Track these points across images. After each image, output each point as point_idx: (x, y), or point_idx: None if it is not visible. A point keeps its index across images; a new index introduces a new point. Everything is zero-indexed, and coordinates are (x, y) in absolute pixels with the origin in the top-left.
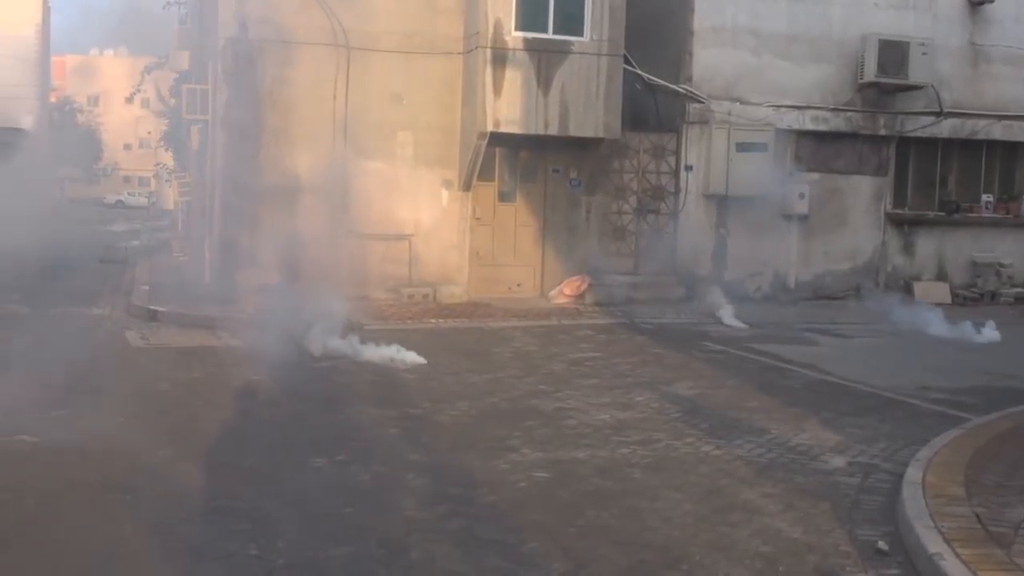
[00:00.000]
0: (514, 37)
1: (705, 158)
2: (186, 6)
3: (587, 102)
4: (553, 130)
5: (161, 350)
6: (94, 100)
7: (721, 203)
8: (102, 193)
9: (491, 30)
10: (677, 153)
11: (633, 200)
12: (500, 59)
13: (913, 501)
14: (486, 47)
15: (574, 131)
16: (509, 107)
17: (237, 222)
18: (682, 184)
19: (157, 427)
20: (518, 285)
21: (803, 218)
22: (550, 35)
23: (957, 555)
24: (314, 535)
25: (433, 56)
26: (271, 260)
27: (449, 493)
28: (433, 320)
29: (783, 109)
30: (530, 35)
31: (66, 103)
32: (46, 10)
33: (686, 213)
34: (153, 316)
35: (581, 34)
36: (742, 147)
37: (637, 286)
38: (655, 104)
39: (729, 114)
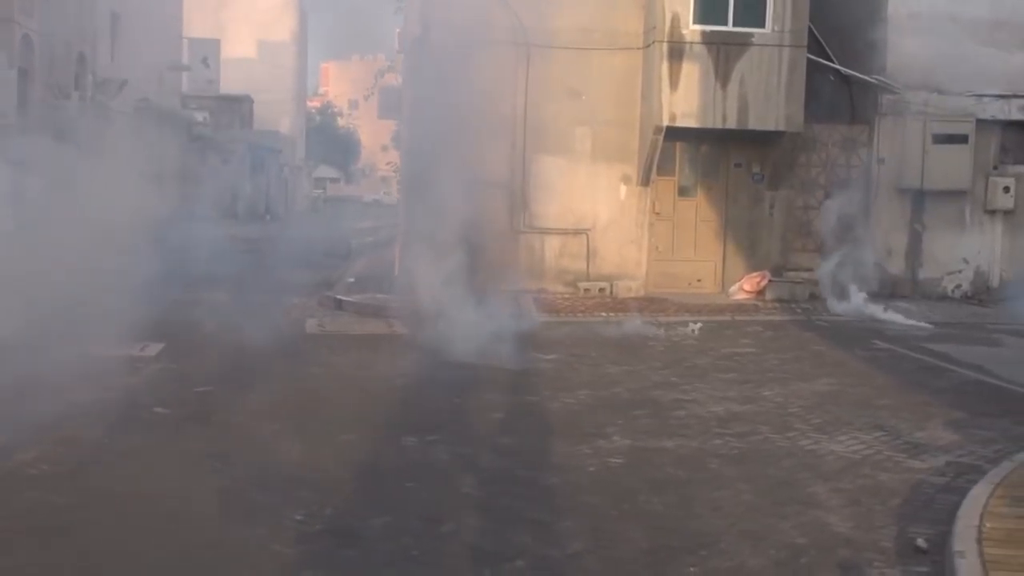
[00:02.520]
0: (692, 30)
1: (899, 151)
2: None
3: (767, 95)
4: (731, 124)
5: (330, 337)
6: (354, 104)
7: (916, 198)
8: (360, 193)
9: (668, 24)
10: (869, 146)
11: (820, 195)
12: (677, 53)
13: (973, 501)
14: (663, 41)
15: (754, 124)
16: (686, 101)
17: (422, 216)
18: (873, 178)
19: (281, 404)
20: (698, 281)
21: (1008, 213)
22: (730, 27)
23: (981, 555)
24: (364, 505)
25: (612, 52)
26: (453, 254)
27: (515, 474)
28: (604, 313)
29: (986, 99)
30: (708, 28)
31: (327, 107)
32: (303, 17)
33: (877, 208)
34: (338, 306)
35: (762, 25)
36: (939, 139)
37: (822, 283)
38: (849, 95)
39: (926, 104)
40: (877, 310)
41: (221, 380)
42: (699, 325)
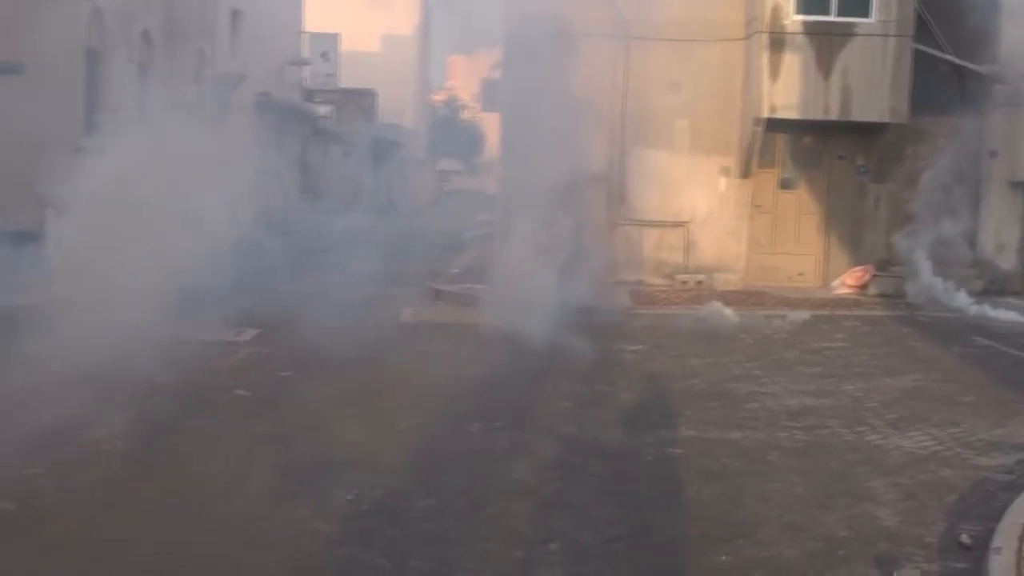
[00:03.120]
0: (793, 21)
1: (1011, 143)
2: None
3: (871, 86)
4: (833, 115)
5: (422, 325)
6: (479, 97)
7: None
8: (484, 186)
9: (770, 14)
10: (980, 138)
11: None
12: (778, 44)
13: None
14: (764, 32)
15: (856, 116)
16: (786, 92)
17: (520, 209)
18: (984, 171)
19: (357, 389)
20: (799, 275)
21: None
22: (833, 17)
23: (1019, 552)
24: (414, 488)
25: (712, 43)
26: (550, 245)
27: (569, 462)
28: (699, 306)
29: None
30: (811, 18)
31: (452, 100)
32: (427, 12)
33: (988, 202)
34: (436, 295)
35: (867, 15)
36: None
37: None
38: (961, 86)
39: None
40: (980, 306)
41: (305, 365)
42: (802, 318)
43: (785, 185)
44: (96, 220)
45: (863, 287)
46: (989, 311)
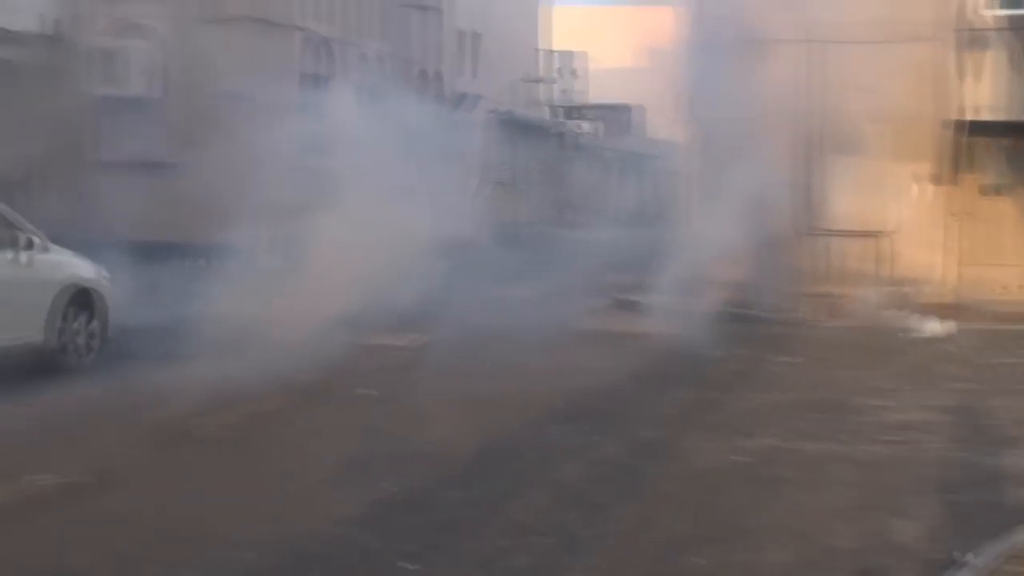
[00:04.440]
0: (989, 16)
1: None
2: None
3: None
4: None
5: (593, 334)
6: None
7: None
8: None
9: (962, 11)
10: None
11: None
12: (975, 41)
13: None
14: (957, 30)
15: None
16: (986, 93)
17: (705, 218)
18: None
19: (479, 391)
20: (1003, 287)
21: None
22: None
23: (994, 569)
24: (456, 480)
25: (904, 43)
26: (738, 256)
27: (627, 463)
28: (888, 319)
29: None
30: (1009, 12)
31: None
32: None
33: None
34: (623, 305)
35: None
36: None
37: None
38: None
39: None
40: None
41: (450, 369)
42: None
43: (987, 192)
44: (323, 230)
45: None
46: None
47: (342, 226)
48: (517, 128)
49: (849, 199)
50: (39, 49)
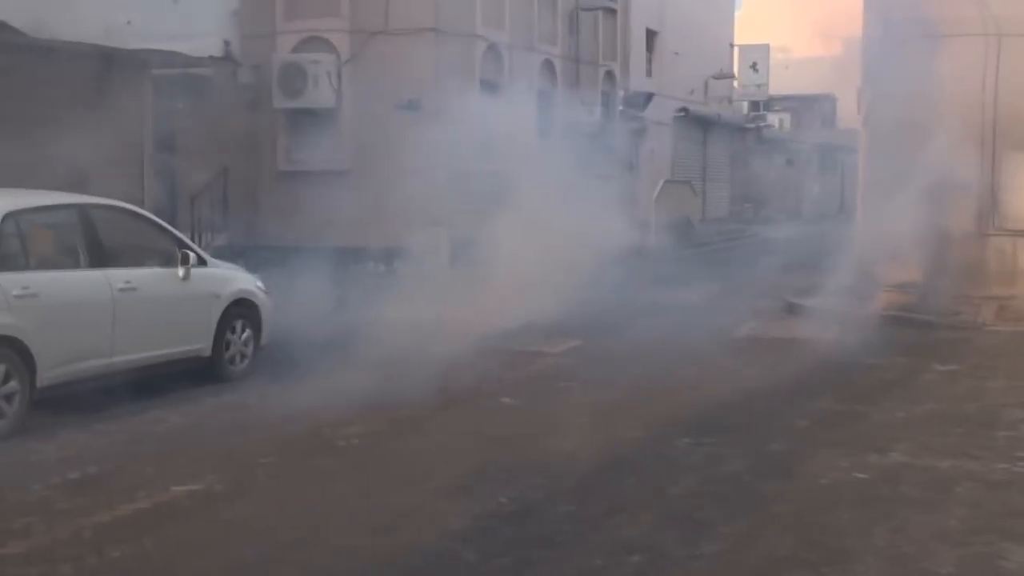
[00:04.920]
0: None
1: None
2: None
3: None
4: None
5: (749, 340)
6: None
7: None
8: None
9: None
10: None
11: None
12: None
13: None
14: None
15: None
16: None
17: (878, 218)
18: None
19: (612, 401)
20: None
21: None
22: None
23: None
24: (568, 494)
25: None
26: (912, 257)
27: (744, 480)
28: None
29: None
30: None
31: None
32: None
33: None
34: (791, 309)
35: None
36: None
37: None
38: None
39: None
40: None
41: (594, 378)
42: None
43: None
44: (497, 236)
45: None
46: None
47: (515, 233)
48: (702, 125)
49: None
50: (221, 70)
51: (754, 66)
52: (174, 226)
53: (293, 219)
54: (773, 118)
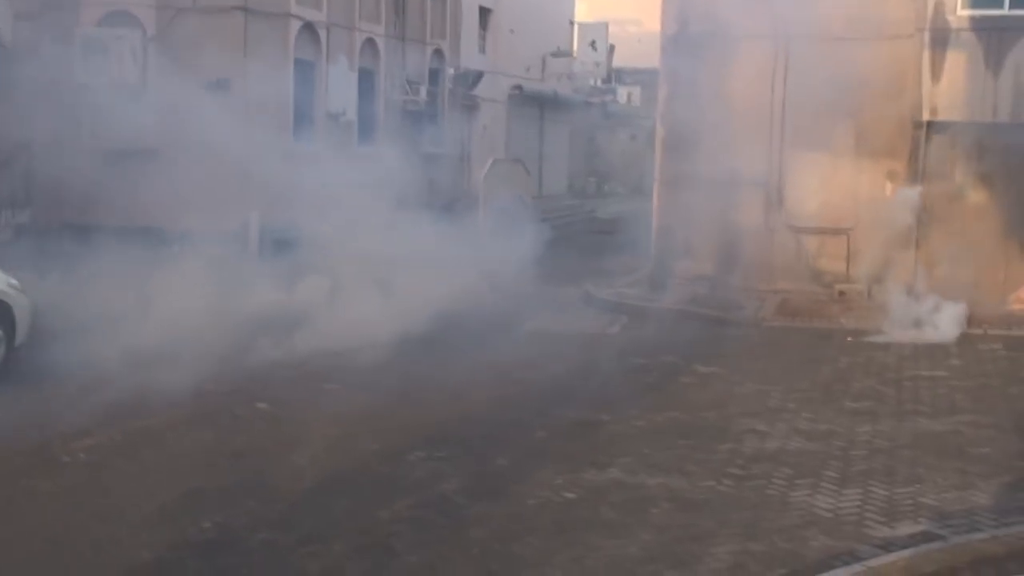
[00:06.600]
0: (959, 16)
1: None
2: None
3: None
4: (1003, 117)
5: (536, 335)
6: None
7: None
8: None
9: (931, 10)
10: None
11: None
12: (941, 41)
13: None
14: (925, 29)
15: None
16: (949, 93)
17: (673, 212)
18: None
19: (362, 411)
20: (974, 287)
21: None
22: (1006, 11)
23: None
24: (270, 519)
25: (879, 41)
26: (704, 251)
27: (457, 501)
28: (843, 320)
29: None
30: (979, 13)
31: None
32: None
33: None
34: (588, 299)
35: None
36: None
37: None
38: None
39: None
40: None
41: (360, 379)
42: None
43: (959, 192)
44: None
45: None
46: None
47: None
48: (538, 102)
49: (819, 195)
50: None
51: (593, 44)
52: None
53: (98, 198)
54: (623, 92)
